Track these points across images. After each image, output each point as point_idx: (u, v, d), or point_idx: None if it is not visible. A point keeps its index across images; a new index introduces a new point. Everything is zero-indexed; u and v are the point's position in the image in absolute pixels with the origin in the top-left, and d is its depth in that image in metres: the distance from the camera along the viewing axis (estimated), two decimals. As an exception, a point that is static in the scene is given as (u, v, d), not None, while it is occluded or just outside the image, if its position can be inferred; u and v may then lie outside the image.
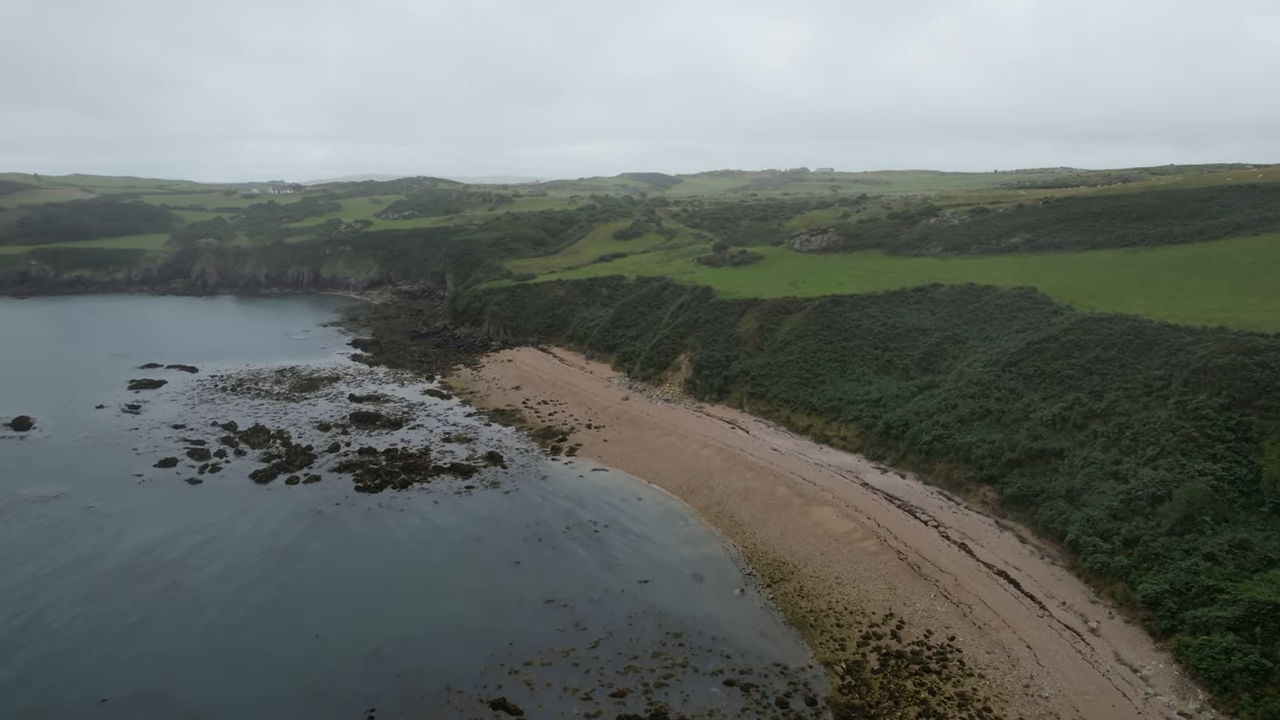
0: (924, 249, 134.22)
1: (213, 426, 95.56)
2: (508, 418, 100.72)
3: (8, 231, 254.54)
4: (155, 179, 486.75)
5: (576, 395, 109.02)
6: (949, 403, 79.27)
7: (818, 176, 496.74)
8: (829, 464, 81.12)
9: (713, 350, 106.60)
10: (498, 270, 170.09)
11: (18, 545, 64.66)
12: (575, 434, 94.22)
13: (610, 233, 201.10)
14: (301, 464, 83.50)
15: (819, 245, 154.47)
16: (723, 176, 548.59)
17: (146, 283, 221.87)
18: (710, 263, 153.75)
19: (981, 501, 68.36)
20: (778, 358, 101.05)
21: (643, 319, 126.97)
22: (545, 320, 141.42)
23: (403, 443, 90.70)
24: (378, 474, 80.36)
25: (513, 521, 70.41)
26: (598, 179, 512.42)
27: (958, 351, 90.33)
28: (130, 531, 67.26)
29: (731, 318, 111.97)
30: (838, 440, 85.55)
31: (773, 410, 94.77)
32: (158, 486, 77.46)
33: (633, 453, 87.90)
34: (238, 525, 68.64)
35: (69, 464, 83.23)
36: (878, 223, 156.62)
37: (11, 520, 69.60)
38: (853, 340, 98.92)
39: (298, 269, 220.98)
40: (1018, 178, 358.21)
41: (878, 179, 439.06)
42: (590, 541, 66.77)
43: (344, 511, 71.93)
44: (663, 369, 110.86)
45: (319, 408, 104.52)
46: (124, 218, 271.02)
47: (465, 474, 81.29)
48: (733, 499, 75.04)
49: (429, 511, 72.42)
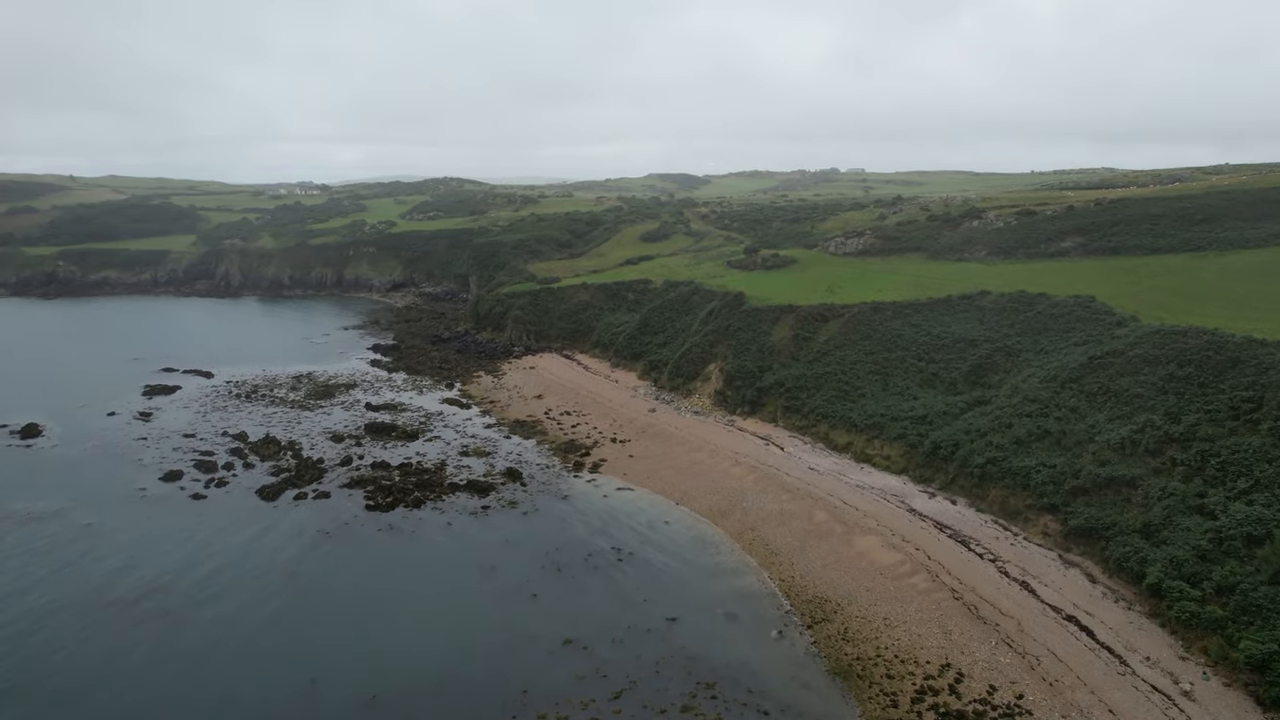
0: (967, 253, 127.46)
1: (223, 436, 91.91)
2: (528, 429, 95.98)
3: (38, 232, 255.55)
4: (186, 180, 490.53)
5: (601, 406, 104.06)
6: (1003, 421, 73.10)
7: (849, 177, 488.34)
8: (871, 486, 75.32)
9: (745, 360, 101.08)
10: (521, 273, 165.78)
11: (2, 569, 60.97)
12: (599, 448, 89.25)
13: (637, 234, 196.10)
14: (311, 478, 79.39)
15: (855, 248, 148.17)
16: (751, 177, 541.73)
17: (172, 284, 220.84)
18: (741, 266, 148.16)
19: (1042, 533, 62.24)
20: (814, 369, 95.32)
21: (670, 325, 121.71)
22: (569, 325, 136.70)
23: (418, 456, 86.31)
24: (390, 491, 75.96)
25: (531, 547, 65.53)
26: (625, 179, 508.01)
27: (1010, 365, 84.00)
28: (124, 555, 63.35)
29: (764, 325, 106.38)
30: (880, 460, 79.69)
31: (809, 425, 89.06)
32: (160, 503, 73.67)
33: (660, 470, 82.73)
34: (237, 548, 64.47)
35: (72, 476, 79.88)
36: (916, 225, 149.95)
37: (2, 539, 66.08)
38: (895, 351, 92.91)
39: (321, 270, 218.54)
40: (1057, 178, 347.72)
41: (910, 180, 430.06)
42: (614, 571, 61.68)
43: (351, 533, 67.52)
44: (691, 379, 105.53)
45: (334, 417, 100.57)
46: (152, 219, 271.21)
47: (482, 492, 76.61)
48: (768, 524, 69.58)
49: (442, 535, 67.79)
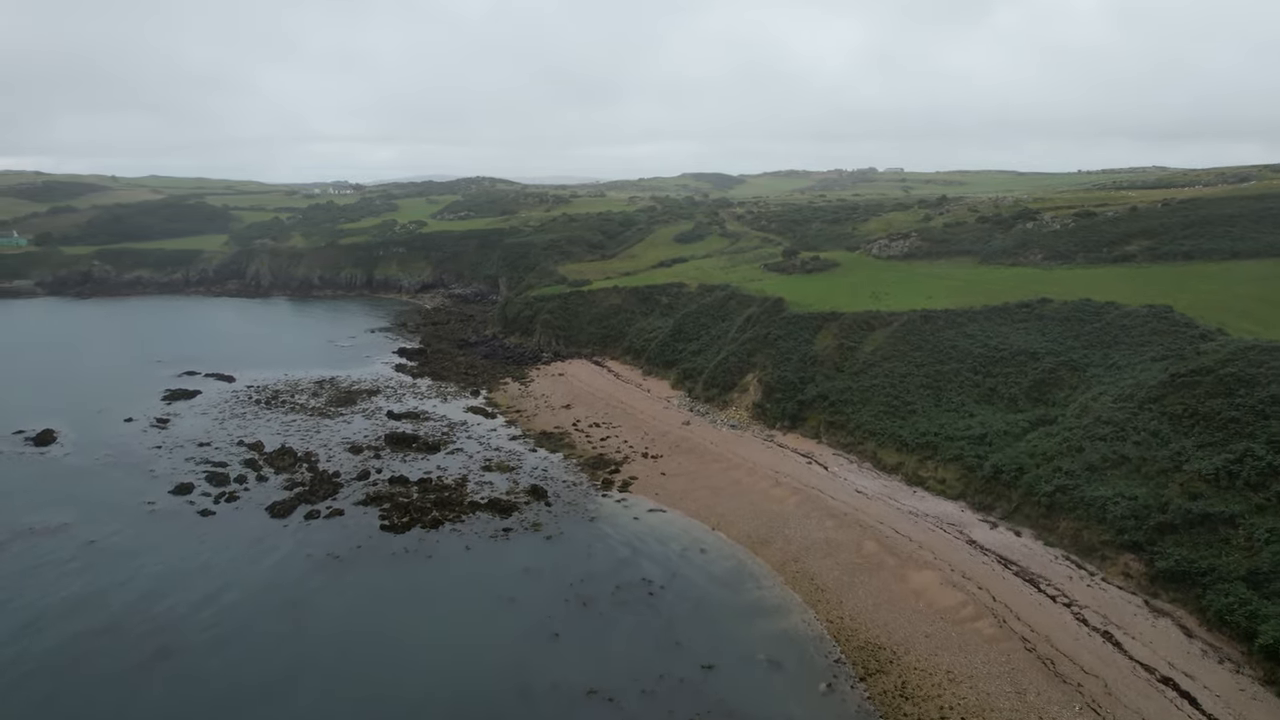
0: (1022, 257, 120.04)
1: (238, 446, 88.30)
2: (555, 442, 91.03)
3: (76, 232, 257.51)
4: (224, 180, 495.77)
5: (632, 417, 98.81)
6: (1072, 444, 66.39)
7: (887, 177, 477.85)
8: (925, 513, 69.09)
9: (785, 370, 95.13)
10: (552, 275, 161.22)
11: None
12: (629, 464, 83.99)
13: (671, 235, 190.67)
14: (326, 494, 75.21)
15: (900, 251, 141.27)
16: (787, 177, 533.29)
17: (203, 283, 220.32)
18: (779, 269, 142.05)
19: (1123, 574, 55.63)
20: (860, 381, 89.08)
21: (705, 332, 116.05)
22: (599, 330, 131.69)
23: (438, 470, 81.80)
24: (406, 510, 71.41)
25: (554, 576, 60.45)
26: (658, 179, 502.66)
27: (1076, 381, 77.11)
28: (123, 577, 59.47)
29: (806, 333, 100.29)
30: (934, 483, 73.34)
31: (855, 443, 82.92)
32: (167, 518, 69.92)
33: (694, 489, 77.24)
34: (240, 574, 60.26)
35: (81, 488, 76.60)
36: (965, 227, 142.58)
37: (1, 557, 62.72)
38: (948, 363, 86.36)
39: (351, 271, 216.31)
40: (1106, 178, 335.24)
41: (951, 180, 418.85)
42: (644, 607, 56.34)
43: (363, 558, 63.00)
44: (728, 390, 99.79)
45: (354, 425, 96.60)
46: (186, 218, 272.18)
47: (504, 512, 71.75)
48: (812, 554, 63.74)
49: (459, 560, 62.99)
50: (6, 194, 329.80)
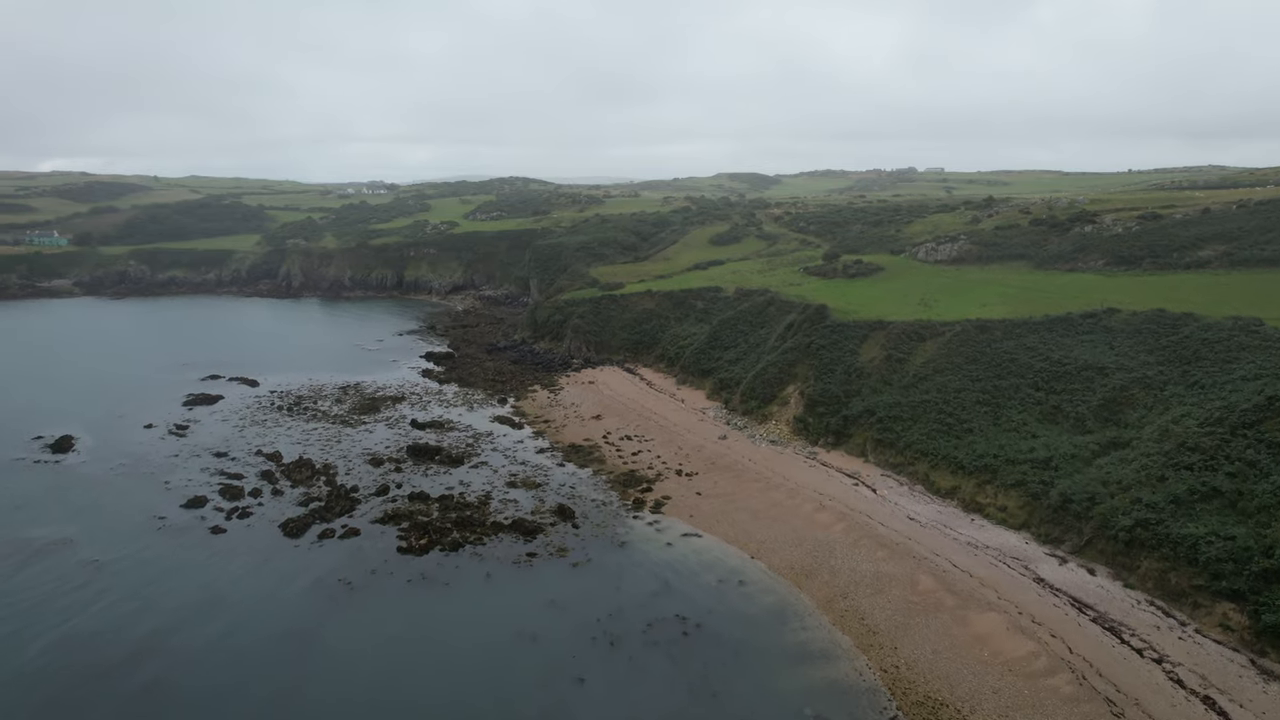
0: (1081, 262, 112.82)
1: (256, 456, 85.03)
2: (584, 456, 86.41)
3: (115, 231, 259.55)
4: (262, 179, 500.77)
5: (665, 430, 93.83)
6: (1152, 473, 60.00)
7: (927, 177, 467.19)
8: (986, 545, 63.15)
9: (828, 383, 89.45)
10: (583, 277, 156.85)
11: (-6, 614, 54.26)
12: (662, 482, 79.04)
13: (706, 237, 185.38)
14: (342, 510, 71.37)
15: (948, 255, 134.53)
16: (824, 176, 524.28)
17: (235, 284, 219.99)
18: (820, 273, 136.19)
19: (1220, 625, 49.36)
20: (910, 396, 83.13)
21: (743, 339, 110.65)
22: (632, 336, 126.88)
23: (461, 486, 77.60)
24: (426, 530, 67.20)
25: (580, 611, 55.71)
26: (693, 179, 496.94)
27: (1152, 400, 70.45)
28: (123, 601, 56.03)
29: (851, 343, 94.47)
30: (994, 511, 67.30)
31: (905, 464, 77.06)
32: (176, 536, 66.52)
33: (732, 512, 72.02)
34: (246, 600, 56.48)
35: (92, 500, 73.74)
36: (1018, 230, 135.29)
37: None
38: (1007, 378, 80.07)
39: (381, 272, 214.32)
40: (1161, 177, 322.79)
41: (994, 180, 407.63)
42: (677, 649, 51.34)
43: (378, 585, 58.85)
44: (767, 402, 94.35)
45: (375, 435, 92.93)
46: (221, 218, 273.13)
47: (528, 534, 67.22)
48: (862, 590, 58.23)
49: (479, 590, 58.55)
50: (51, 195, 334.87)
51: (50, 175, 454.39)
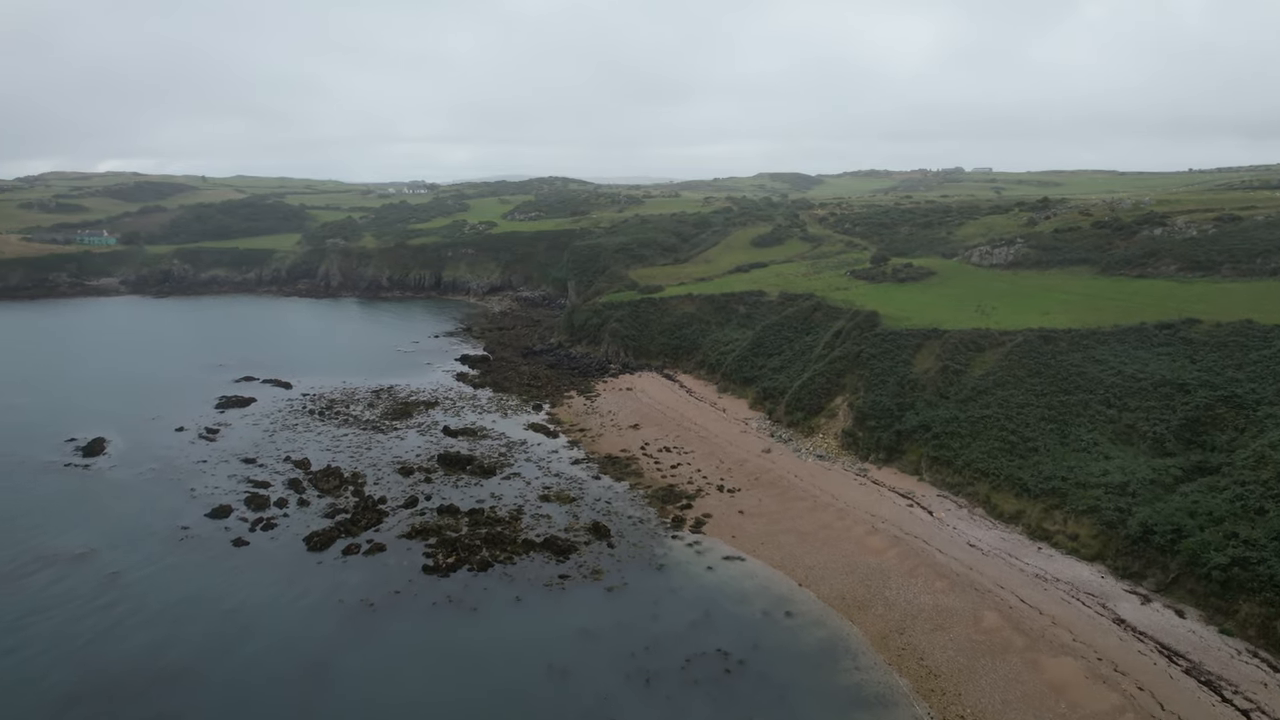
0: (1151, 268, 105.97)
1: (284, 463, 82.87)
2: (621, 469, 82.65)
3: (161, 231, 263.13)
4: (305, 179, 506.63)
5: (706, 441, 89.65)
6: (1248, 504, 54.34)
7: (975, 177, 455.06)
8: (1056, 577, 57.94)
9: (880, 395, 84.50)
10: (622, 279, 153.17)
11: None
12: (703, 498, 74.91)
13: (748, 239, 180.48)
14: (369, 523, 68.54)
15: (1004, 259, 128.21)
16: (868, 176, 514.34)
17: (275, 283, 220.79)
18: (867, 277, 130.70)
19: (1334, 682, 43.76)
20: (968, 411, 77.86)
21: (788, 346, 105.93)
22: (671, 341, 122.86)
23: (492, 499, 74.36)
24: (454, 547, 63.95)
25: (614, 642, 51.91)
26: (733, 179, 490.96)
27: (1243, 422, 64.40)
28: (141, 622, 53.64)
29: (904, 353, 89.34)
30: (1063, 539, 61.97)
31: (964, 484, 71.92)
32: (198, 548, 64.23)
33: (777, 533, 67.62)
34: (265, 621, 53.74)
35: (117, 508, 72.02)
36: (1079, 232, 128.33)
37: (17, 586, 57.90)
38: (1075, 393, 74.42)
39: (419, 272, 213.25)
40: (1223, 177, 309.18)
41: (1046, 180, 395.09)
42: (718, 690, 47.24)
43: (401, 607, 55.72)
44: (814, 414, 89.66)
45: (407, 442, 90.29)
46: (263, 217, 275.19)
47: (561, 553, 63.63)
48: (920, 625, 53.54)
49: (507, 615, 55.07)
50: (103, 195, 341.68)
51: (104, 176, 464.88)
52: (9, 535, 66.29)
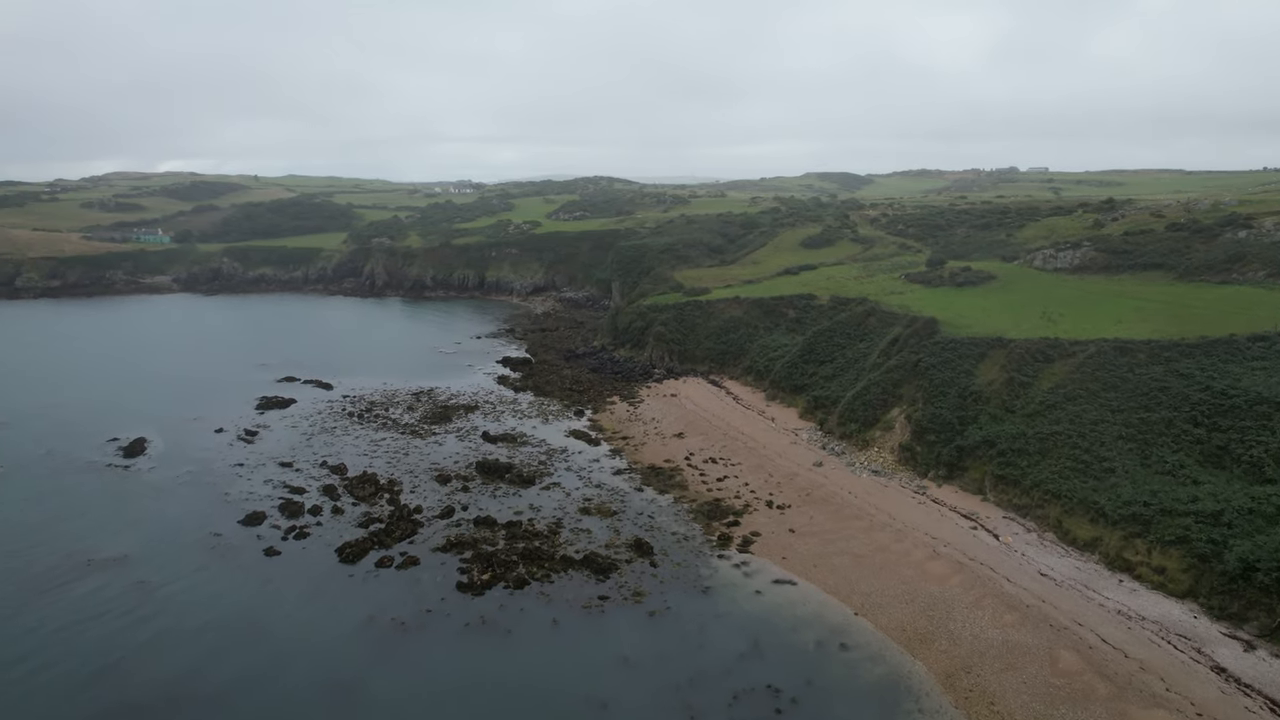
0: (1235, 273, 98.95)
1: (321, 468, 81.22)
2: (665, 480, 79.21)
3: (213, 229, 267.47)
4: (354, 179, 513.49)
5: (754, 453, 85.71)
6: (1363, 539, 48.66)
7: (1031, 177, 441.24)
8: (1141, 615, 52.91)
9: (940, 407, 79.67)
10: (667, 281, 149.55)
11: (29, 637, 50.91)
12: (751, 515, 71.08)
13: (797, 240, 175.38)
14: (403, 534, 66.21)
15: (1069, 263, 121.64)
16: (919, 176, 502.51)
17: (321, 281, 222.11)
18: (923, 281, 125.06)
19: None
20: (1036, 427, 72.68)
21: (840, 354, 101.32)
22: (717, 346, 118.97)
23: (530, 511, 71.52)
24: (489, 563, 61.22)
25: (657, 673, 48.50)
26: (780, 179, 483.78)
27: (1352, 445, 58.36)
28: (167, 635, 51.95)
29: (965, 363, 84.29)
30: (1148, 572, 56.80)
31: (1032, 506, 66.91)
32: (228, 557, 62.56)
33: (830, 555, 63.52)
34: (293, 637, 51.58)
35: (153, 511, 71.01)
36: (1153, 235, 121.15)
37: (50, 592, 56.85)
38: (1156, 410, 68.78)
39: (463, 271, 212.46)
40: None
41: (1107, 180, 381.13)
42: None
43: (432, 627, 53.06)
44: (869, 426, 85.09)
45: (445, 447, 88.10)
46: (311, 216, 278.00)
47: (601, 572, 60.44)
48: (989, 663, 49.11)
49: (543, 639, 52.03)
50: (160, 194, 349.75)
51: (163, 175, 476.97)
52: (53, 539, 65.55)
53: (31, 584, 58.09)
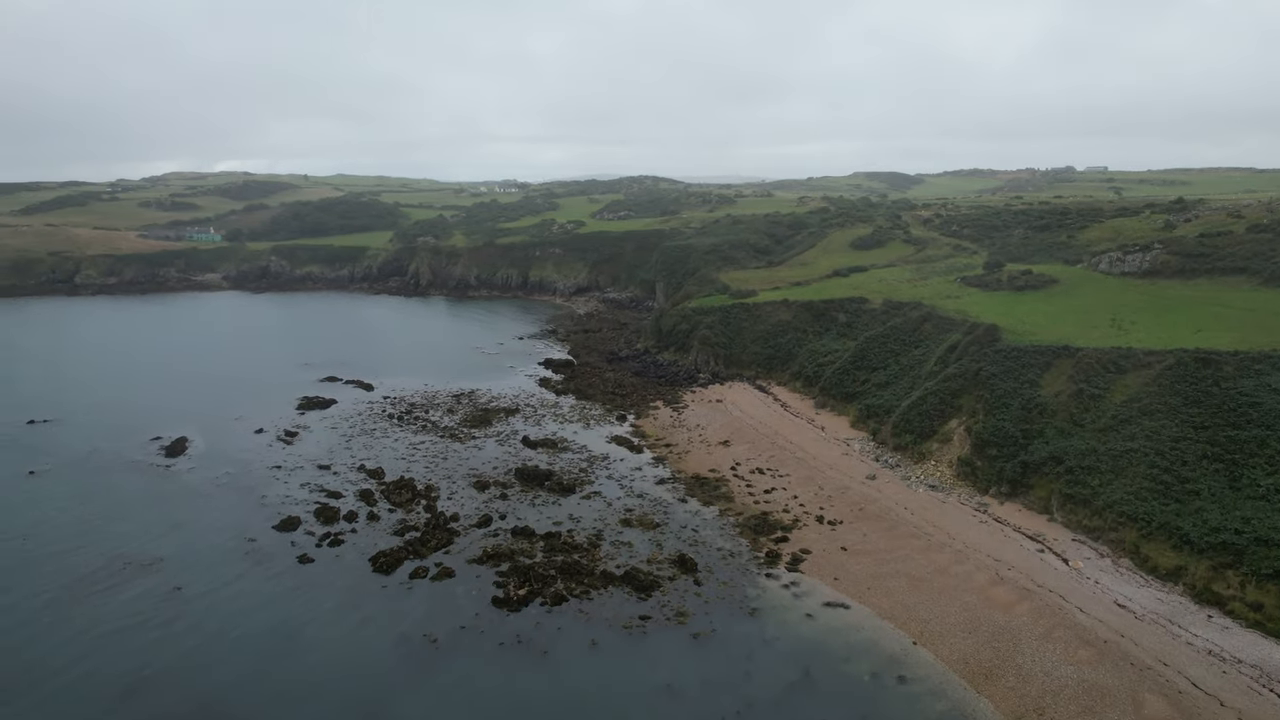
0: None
1: (358, 472, 79.84)
2: (710, 491, 76.07)
3: (262, 228, 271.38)
4: (402, 178, 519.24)
5: (803, 463, 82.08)
6: None
7: (1089, 177, 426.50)
8: (1237, 657, 48.26)
9: (1002, 419, 75.16)
10: (712, 283, 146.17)
11: (67, 645, 49.87)
12: (800, 530, 67.58)
13: (846, 241, 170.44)
14: (439, 544, 64.22)
15: (1138, 267, 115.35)
16: (970, 176, 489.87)
17: (366, 280, 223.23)
18: (980, 285, 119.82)
19: None
20: (1109, 442, 67.85)
21: (894, 361, 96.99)
22: (765, 350, 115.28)
23: (570, 521, 69.02)
24: (526, 576, 58.81)
25: (701, 703, 45.52)
26: (828, 179, 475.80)
27: None
28: (197, 645, 50.56)
29: (1029, 372, 79.59)
30: (1241, 608, 52.01)
31: (1105, 529, 62.25)
32: (262, 563, 61.21)
33: (886, 577, 59.78)
34: (321, 653, 49.74)
35: (189, 514, 70.17)
36: (1232, 237, 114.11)
37: (97, 600, 55.96)
38: (1247, 428, 63.50)
39: (507, 271, 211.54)
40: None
41: (1170, 179, 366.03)
42: (824, 776, 40.24)
43: (464, 645, 50.76)
44: (925, 438, 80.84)
45: (485, 452, 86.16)
46: (358, 215, 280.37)
47: (643, 590, 57.60)
48: (1064, 706, 45.07)
49: (581, 662, 49.37)
50: (214, 193, 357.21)
51: (218, 175, 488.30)
52: (94, 541, 65.12)
53: (73, 588, 57.35)
